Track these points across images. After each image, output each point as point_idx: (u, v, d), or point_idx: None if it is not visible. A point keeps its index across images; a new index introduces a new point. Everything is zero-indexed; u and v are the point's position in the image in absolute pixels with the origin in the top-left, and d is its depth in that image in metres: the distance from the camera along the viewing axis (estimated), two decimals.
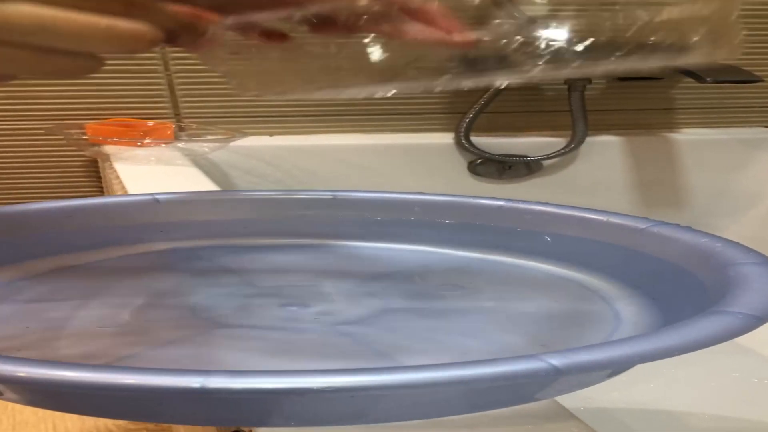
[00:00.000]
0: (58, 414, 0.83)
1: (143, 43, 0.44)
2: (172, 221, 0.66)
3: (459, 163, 1.36)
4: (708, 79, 1.19)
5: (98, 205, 0.65)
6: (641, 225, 0.57)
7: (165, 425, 0.78)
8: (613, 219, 0.58)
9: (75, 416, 0.81)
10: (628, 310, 0.50)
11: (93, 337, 0.46)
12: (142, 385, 0.30)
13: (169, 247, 0.64)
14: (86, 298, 0.53)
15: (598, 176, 1.39)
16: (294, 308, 0.51)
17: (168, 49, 1.22)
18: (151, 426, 0.80)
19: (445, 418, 0.37)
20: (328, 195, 0.68)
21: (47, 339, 0.46)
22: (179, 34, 0.46)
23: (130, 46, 0.44)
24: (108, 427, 0.81)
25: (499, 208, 0.63)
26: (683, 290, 0.50)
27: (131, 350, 0.45)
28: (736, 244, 0.50)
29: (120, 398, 0.33)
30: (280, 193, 0.69)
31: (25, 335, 0.46)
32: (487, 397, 0.36)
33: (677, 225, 0.55)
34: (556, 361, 0.32)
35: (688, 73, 1.22)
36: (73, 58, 0.44)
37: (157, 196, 0.66)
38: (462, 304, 0.54)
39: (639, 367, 0.37)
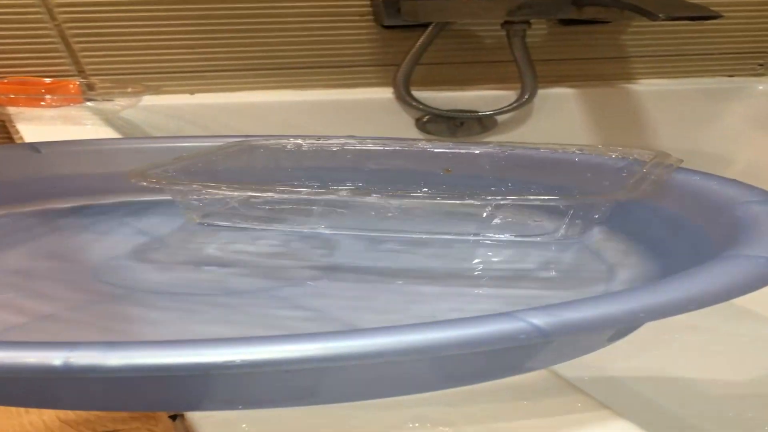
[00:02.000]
0: None
1: None
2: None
3: (404, 120, 1.31)
4: (660, 15, 1.11)
5: None
6: (620, 164, 0.48)
7: (151, 414, 0.75)
8: (591, 160, 0.50)
9: None
10: (624, 262, 0.44)
11: None
12: None
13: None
14: None
15: (555, 132, 1.33)
16: (213, 268, 0.46)
17: None
18: (137, 414, 0.78)
19: (427, 394, 0.32)
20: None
21: None
22: None
23: None
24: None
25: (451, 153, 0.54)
26: (681, 236, 0.45)
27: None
28: (735, 182, 0.46)
29: None
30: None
31: None
32: (464, 368, 0.31)
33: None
34: (539, 320, 0.26)
35: (638, 9, 1.13)
36: None
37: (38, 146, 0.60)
38: (418, 264, 0.47)
39: (641, 335, 0.34)
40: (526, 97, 1.29)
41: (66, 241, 0.53)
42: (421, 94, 1.29)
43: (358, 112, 1.28)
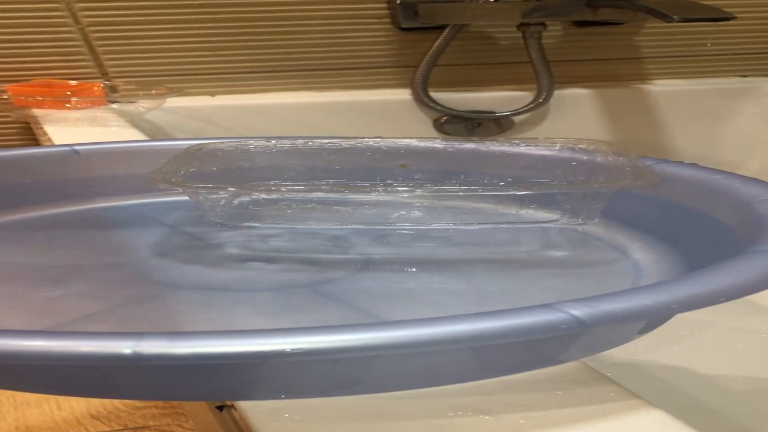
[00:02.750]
0: None
1: None
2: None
3: (423, 121, 1.31)
4: (675, 17, 1.11)
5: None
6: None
7: (175, 402, 0.78)
8: (607, 158, 0.50)
9: None
10: (647, 258, 0.43)
11: (28, 304, 0.42)
12: (60, 353, 0.26)
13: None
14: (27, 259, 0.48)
15: (571, 132, 1.33)
16: (258, 264, 0.47)
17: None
18: (160, 403, 0.80)
19: (465, 384, 0.33)
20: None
21: None
22: None
23: None
24: (114, 405, 0.80)
25: (473, 151, 0.55)
26: (704, 233, 0.45)
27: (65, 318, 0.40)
28: (756, 180, 0.46)
29: (53, 370, 0.30)
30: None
31: None
32: (502, 359, 0.32)
33: (681, 162, 0.51)
34: (578, 311, 0.28)
35: (652, 11, 1.13)
36: None
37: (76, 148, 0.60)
38: (456, 258, 0.48)
39: (662, 330, 0.35)
40: (543, 97, 1.29)
41: (109, 239, 0.54)
42: (439, 95, 1.29)
43: (376, 113, 1.29)
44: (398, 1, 1.24)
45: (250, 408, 0.35)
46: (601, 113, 1.36)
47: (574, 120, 1.35)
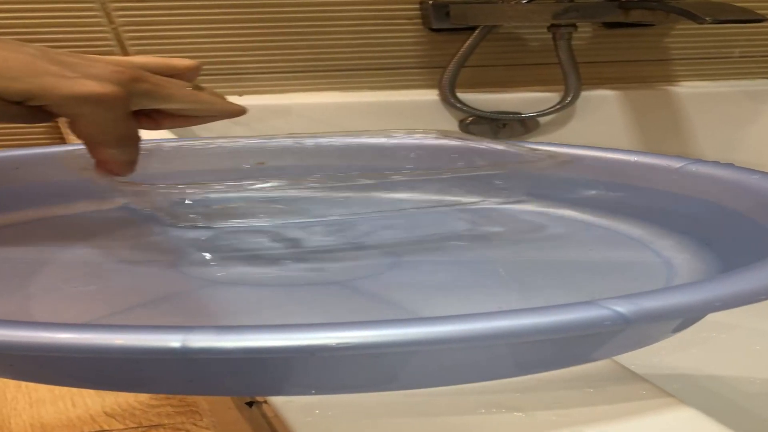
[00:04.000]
0: (75, 391, 0.81)
1: None
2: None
3: (448, 121, 1.30)
4: (707, 18, 1.11)
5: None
6: (676, 164, 0.49)
7: (190, 400, 0.78)
8: (642, 159, 0.51)
9: (94, 393, 0.81)
10: (679, 257, 0.43)
11: (66, 299, 0.42)
12: (108, 346, 0.26)
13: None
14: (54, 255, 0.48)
15: (597, 133, 1.33)
16: (289, 262, 0.47)
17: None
18: (174, 402, 0.79)
19: (496, 382, 0.33)
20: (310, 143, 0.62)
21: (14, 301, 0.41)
22: None
23: None
24: (129, 402, 0.79)
25: (504, 151, 0.55)
26: (739, 233, 0.45)
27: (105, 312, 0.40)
28: None
29: (90, 362, 0.30)
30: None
31: None
32: (536, 356, 0.32)
33: (717, 162, 0.50)
34: (622, 308, 0.28)
35: (685, 13, 1.13)
36: None
37: None
38: (487, 255, 0.49)
39: (682, 332, 0.35)
40: (570, 98, 1.29)
41: (147, 235, 0.54)
42: (465, 96, 1.29)
43: (402, 113, 1.29)
44: (430, 2, 1.24)
45: (283, 404, 0.35)
46: (627, 114, 1.36)
47: (600, 121, 1.35)
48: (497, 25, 1.26)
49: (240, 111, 0.55)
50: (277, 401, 0.35)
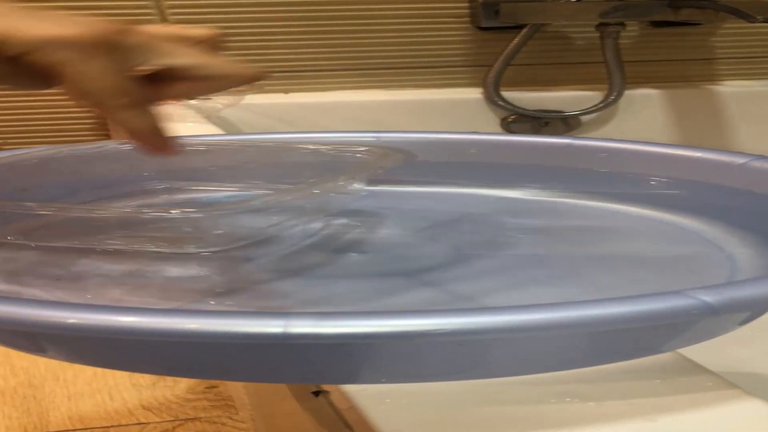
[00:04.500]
0: (112, 384, 0.83)
1: None
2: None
3: (490, 120, 1.30)
4: (759, 17, 1.11)
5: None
6: (739, 160, 0.50)
7: (226, 394, 0.78)
8: (706, 154, 0.51)
9: (131, 387, 0.82)
10: (741, 252, 0.43)
11: (149, 286, 0.42)
12: (206, 331, 0.26)
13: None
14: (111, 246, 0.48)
15: (638, 131, 1.33)
16: (354, 255, 0.47)
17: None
18: (210, 396, 0.80)
19: (563, 372, 0.34)
20: (370, 137, 0.62)
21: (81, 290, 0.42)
22: None
23: None
24: (166, 396, 0.81)
25: (568, 146, 0.55)
26: None
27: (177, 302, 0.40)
28: None
29: (183, 349, 0.30)
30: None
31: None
32: (609, 346, 0.32)
33: None
34: (709, 297, 0.28)
35: (736, 11, 1.13)
36: None
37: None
38: (550, 251, 0.49)
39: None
40: (613, 97, 1.29)
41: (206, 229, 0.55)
42: (508, 94, 1.29)
43: (445, 112, 1.29)
44: (480, 1, 1.24)
45: (357, 392, 0.35)
46: (670, 113, 1.36)
47: (642, 120, 1.34)
48: (545, 23, 1.26)
49: (257, 75, 0.52)
50: (351, 389, 0.35)
